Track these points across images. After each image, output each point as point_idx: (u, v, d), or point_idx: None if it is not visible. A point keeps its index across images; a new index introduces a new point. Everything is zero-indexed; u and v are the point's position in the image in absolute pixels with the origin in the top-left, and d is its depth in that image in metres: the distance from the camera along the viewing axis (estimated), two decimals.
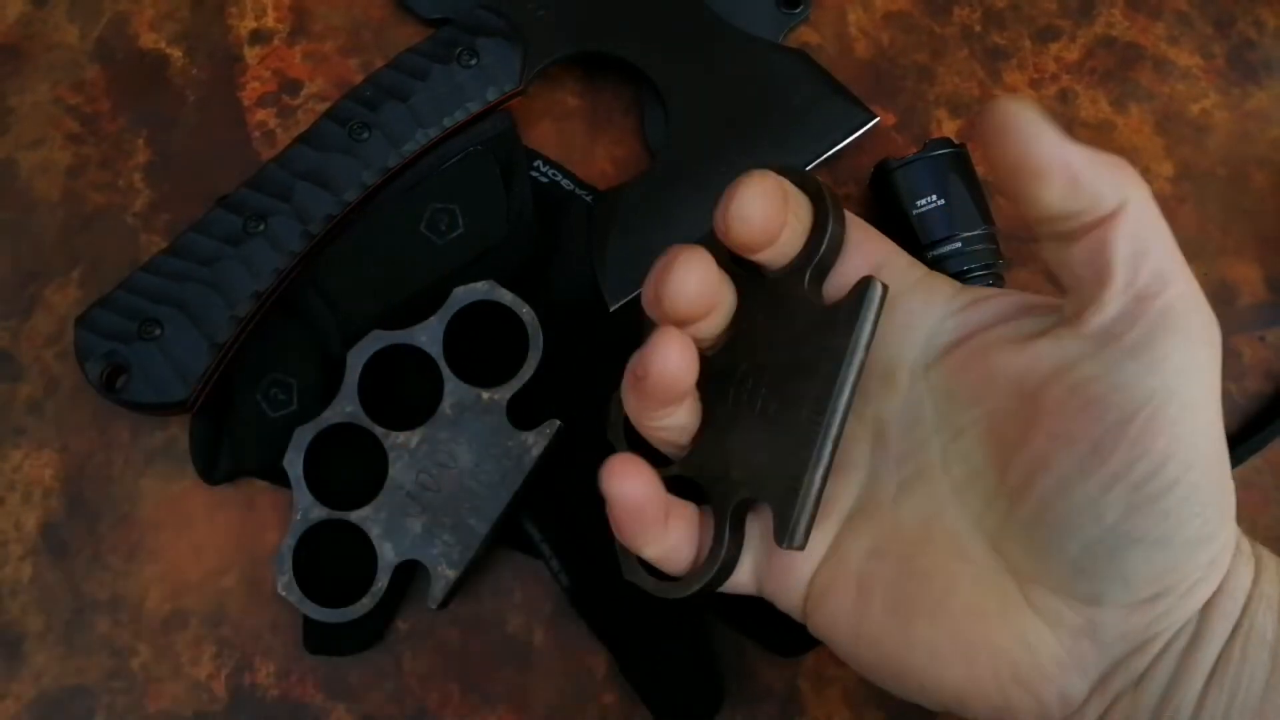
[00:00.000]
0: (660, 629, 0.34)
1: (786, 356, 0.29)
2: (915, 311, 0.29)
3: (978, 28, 0.43)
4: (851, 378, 0.28)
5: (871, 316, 0.28)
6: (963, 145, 0.38)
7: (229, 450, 0.36)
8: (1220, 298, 0.39)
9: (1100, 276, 0.25)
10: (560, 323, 0.36)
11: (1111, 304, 0.25)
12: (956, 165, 0.37)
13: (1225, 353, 0.38)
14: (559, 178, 0.39)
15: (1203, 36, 0.43)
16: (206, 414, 0.36)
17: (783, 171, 0.30)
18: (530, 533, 0.35)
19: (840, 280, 0.29)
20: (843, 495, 0.30)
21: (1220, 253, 0.40)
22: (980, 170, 0.38)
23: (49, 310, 0.39)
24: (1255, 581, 0.26)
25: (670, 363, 0.28)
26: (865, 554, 0.29)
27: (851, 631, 0.29)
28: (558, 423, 0.35)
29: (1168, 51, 0.43)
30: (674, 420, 0.30)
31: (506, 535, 0.36)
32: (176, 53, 0.42)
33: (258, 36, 0.42)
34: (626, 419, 0.31)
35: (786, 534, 0.28)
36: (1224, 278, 0.40)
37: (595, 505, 0.36)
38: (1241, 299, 0.39)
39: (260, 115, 0.41)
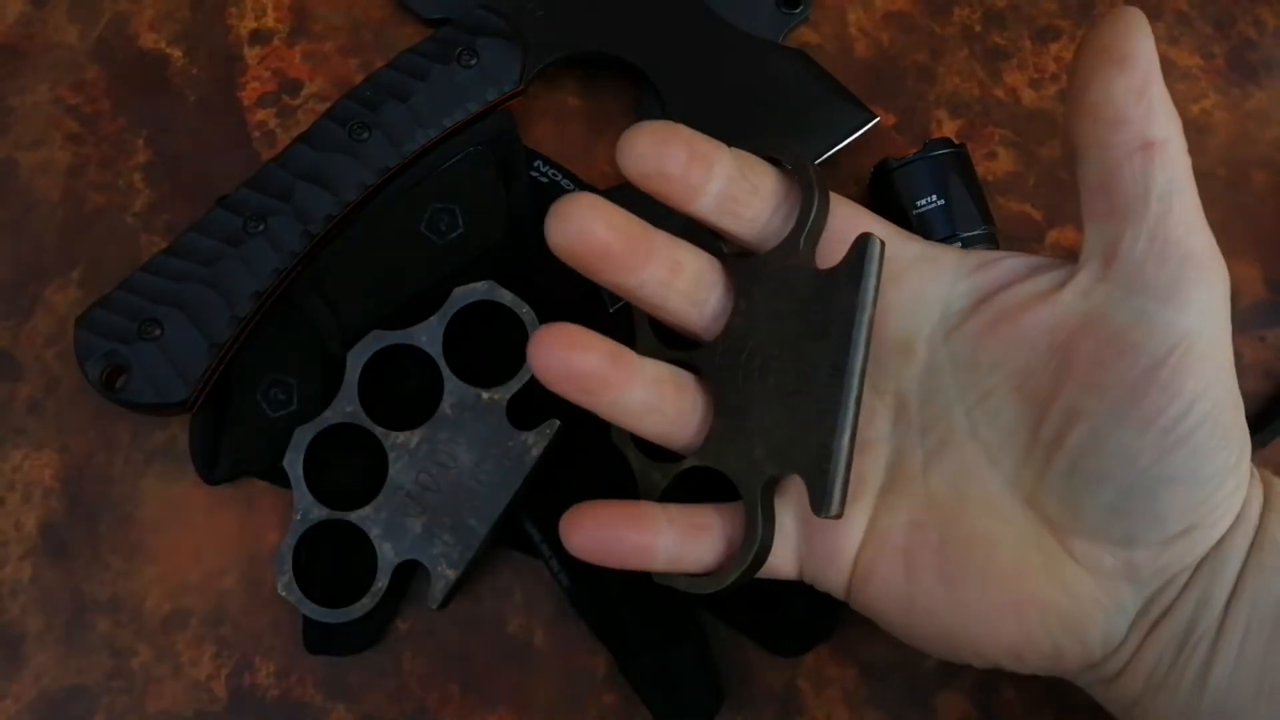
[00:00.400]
0: (660, 629, 0.34)
1: (792, 327, 0.29)
2: (924, 281, 0.30)
3: (978, 28, 0.43)
4: (864, 333, 0.28)
5: (874, 269, 0.28)
6: (963, 145, 0.38)
7: (229, 450, 0.36)
8: None
9: (1132, 206, 0.26)
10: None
11: (1140, 240, 0.26)
12: (956, 165, 0.37)
13: None
14: (559, 178, 0.39)
15: (1202, 37, 0.43)
16: (206, 414, 0.36)
17: (755, 152, 0.30)
18: (530, 533, 0.35)
19: (838, 258, 0.30)
20: (871, 472, 0.30)
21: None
22: (979, 171, 0.38)
23: (49, 310, 0.39)
24: (1266, 500, 0.28)
25: (549, 356, 0.28)
26: (905, 528, 0.29)
27: (903, 606, 0.29)
28: (558, 423, 0.35)
29: (1168, 51, 0.43)
30: (631, 400, 0.30)
31: (506, 535, 0.36)
32: (176, 53, 0.42)
33: (258, 36, 0.42)
34: None
35: (823, 502, 0.27)
36: None
37: None
38: (1242, 299, 0.39)
39: (260, 115, 0.41)
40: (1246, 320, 0.39)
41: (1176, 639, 0.27)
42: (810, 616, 0.35)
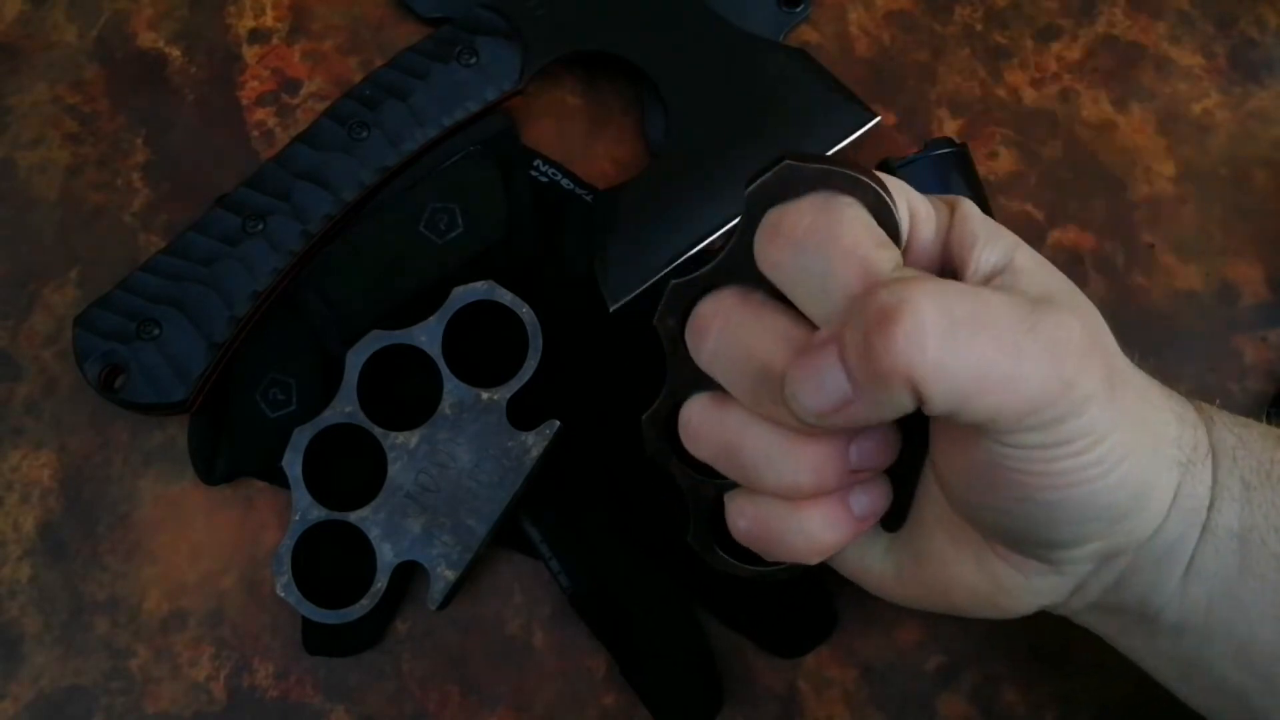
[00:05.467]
0: (660, 631, 0.34)
1: None
2: None
3: (979, 27, 0.43)
4: None
5: None
6: (964, 145, 0.38)
7: (228, 451, 0.36)
8: (1222, 298, 0.39)
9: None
10: (560, 322, 0.36)
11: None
12: (958, 165, 0.37)
13: (1227, 353, 0.38)
14: (559, 177, 0.39)
15: (1204, 36, 0.43)
16: (205, 414, 0.36)
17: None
18: (530, 533, 0.35)
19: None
20: None
21: (1222, 253, 0.40)
22: (980, 170, 0.38)
23: (47, 310, 0.39)
24: (1215, 474, 0.26)
25: None
26: None
27: (859, 562, 0.30)
28: (557, 423, 0.35)
29: (1169, 51, 0.43)
30: None
31: (506, 536, 0.36)
32: (175, 52, 0.42)
33: (257, 35, 0.42)
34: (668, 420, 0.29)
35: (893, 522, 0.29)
36: (1225, 278, 0.40)
37: (595, 506, 0.36)
38: (1243, 299, 0.39)
39: (259, 114, 0.41)
40: (1248, 320, 0.39)
41: (1135, 610, 0.27)
42: (810, 617, 0.35)
